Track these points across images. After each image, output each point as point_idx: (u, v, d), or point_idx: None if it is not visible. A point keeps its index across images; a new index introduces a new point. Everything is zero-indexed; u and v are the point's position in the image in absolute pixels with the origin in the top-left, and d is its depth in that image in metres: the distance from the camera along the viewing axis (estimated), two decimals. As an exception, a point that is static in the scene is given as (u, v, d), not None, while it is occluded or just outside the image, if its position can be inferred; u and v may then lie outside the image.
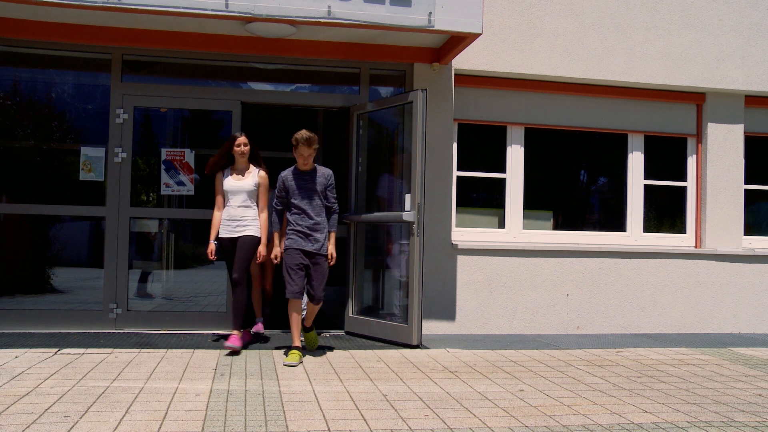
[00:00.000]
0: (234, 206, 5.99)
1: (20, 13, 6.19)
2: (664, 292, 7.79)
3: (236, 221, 5.98)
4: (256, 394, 4.43)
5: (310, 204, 5.72)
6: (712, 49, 7.93)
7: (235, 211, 5.99)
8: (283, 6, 5.91)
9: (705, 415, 4.25)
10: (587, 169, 8.40)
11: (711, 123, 8.08)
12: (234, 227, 5.98)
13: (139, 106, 6.80)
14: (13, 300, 6.74)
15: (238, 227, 5.98)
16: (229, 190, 6.01)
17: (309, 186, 5.76)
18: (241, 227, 5.98)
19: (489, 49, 7.36)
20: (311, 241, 5.70)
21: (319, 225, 5.74)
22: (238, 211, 5.99)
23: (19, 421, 3.71)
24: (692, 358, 6.20)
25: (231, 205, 5.99)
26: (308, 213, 5.71)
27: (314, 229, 5.71)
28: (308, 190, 5.75)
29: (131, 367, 5.13)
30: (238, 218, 5.99)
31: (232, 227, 5.99)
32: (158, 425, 3.73)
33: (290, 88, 7.31)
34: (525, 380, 5.10)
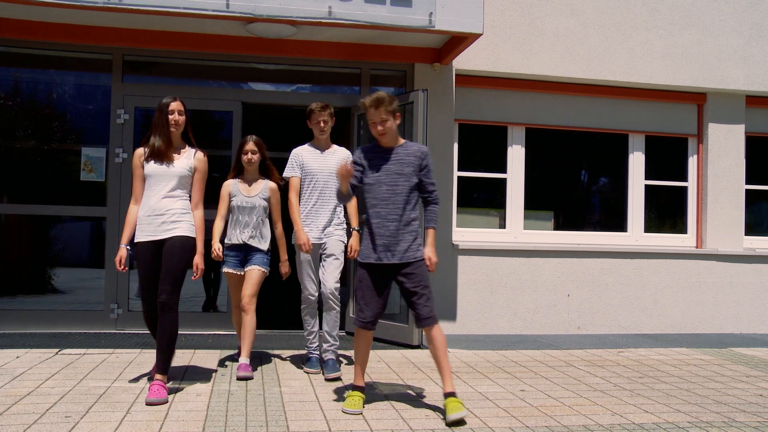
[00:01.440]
0: (157, 197, 4.46)
1: (21, 14, 6.19)
2: (665, 293, 7.79)
3: (160, 217, 4.45)
4: (257, 395, 4.43)
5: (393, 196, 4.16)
6: (713, 49, 7.92)
7: (159, 203, 4.46)
8: (283, 6, 5.91)
9: (706, 415, 4.25)
10: (588, 169, 8.40)
11: (712, 123, 8.07)
12: (158, 226, 4.44)
13: (139, 106, 6.80)
14: (14, 300, 6.75)
15: (164, 225, 4.44)
16: (152, 174, 4.48)
17: (393, 168, 4.18)
18: (167, 225, 4.45)
19: (490, 50, 7.35)
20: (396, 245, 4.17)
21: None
22: (163, 204, 4.47)
23: (20, 422, 3.71)
24: (693, 358, 6.20)
25: (153, 196, 4.46)
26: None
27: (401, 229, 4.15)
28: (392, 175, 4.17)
29: (132, 368, 5.13)
30: (162, 212, 4.45)
31: (154, 226, 4.44)
32: (159, 425, 3.73)
33: (291, 89, 7.31)
34: (526, 380, 5.10)
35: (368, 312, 4.14)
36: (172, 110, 4.49)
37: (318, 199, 5.16)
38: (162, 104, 4.51)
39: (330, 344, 5.12)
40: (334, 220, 5.20)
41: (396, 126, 4.18)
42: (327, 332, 5.13)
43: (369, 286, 4.16)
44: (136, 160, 4.56)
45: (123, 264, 4.50)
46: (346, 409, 4.07)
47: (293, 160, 5.27)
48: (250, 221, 5.15)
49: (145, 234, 4.46)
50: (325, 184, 5.16)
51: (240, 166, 5.25)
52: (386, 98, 4.12)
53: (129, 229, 4.52)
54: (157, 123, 4.51)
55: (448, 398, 3.98)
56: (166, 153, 4.48)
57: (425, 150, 4.22)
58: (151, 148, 4.49)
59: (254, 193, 5.19)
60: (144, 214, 4.47)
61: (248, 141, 5.22)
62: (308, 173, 5.20)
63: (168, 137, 4.50)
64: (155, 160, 4.47)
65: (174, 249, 4.40)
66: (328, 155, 5.25)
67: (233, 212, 5.17)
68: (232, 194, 5.18)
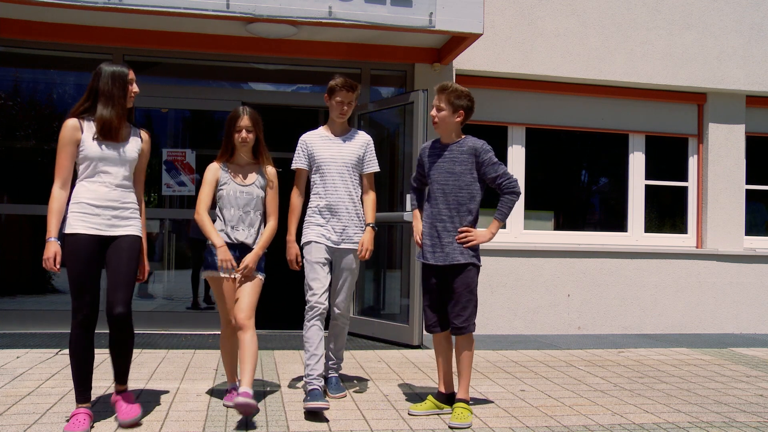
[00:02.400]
0: (109, 185, 3.68)
1: (21, 14, 6.19)
2: (665, 293, 7.79)
3: (112, 210, 3.68)
4: (257, 394, 4.43)
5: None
6: (713, 49, 7.92)
7: (112, 192, 3.68)
8: (284, 6, 5.91)
9: (706, 415, 4.25)
10: (588, 169, 8.40)
11: (712, 123, 8.07)
12: (107, 219, 3.66)
13: (140, 106, 6.75)
14: (14, 300, 6.75)
15: (115, 220, 3.68)
16: (102, 158, 3.65)
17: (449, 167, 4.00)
18: (119, 221, 3.71)
19: (490, 50, 7.36)
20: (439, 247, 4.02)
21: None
22: (116, 194, 3.70)
23: (20, 422, 3.71)
24: (693, 358, 6.20)
25: (102, 183, 3.66)
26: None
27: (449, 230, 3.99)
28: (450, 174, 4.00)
29: (132, 368, 5.10)
30: (116, 205, 3.69)
31: (103, 219, 3.65)
32: (159, 425, 3.73)
33: (291, 89, 7.32)
34: (526, 380, 5.10)
35: (428, 313, 4.09)
36: (132, 80, 3.75)
37: (331, 197, 4.36)
38: (117, 72, 3.68)
39: (334, 362, 4.59)
40: (353, 220, 4.40)
41: (454, 122, 3.97)
42: (332, 350, 4.56)
43: (426, 286, 4.12)
44: (71, 132, 3.61)
45: (57, 262, 3.56)
46: (412, 411, 4.05)
47: (301, 149, 4.46)
48: (246, 216, 4.06)
49: (88, 225, 3.61)
50: (340, 177, 4.37)
51: (230, 148, 4.11)
52: (451, 89, 3.97)
53: (58, 219, 3.61)
54: (110, 92, 3.64)
55: (457, 402, 3.96)
56: (119, 131, 3.68)
57: (479, 146, 3.97)
58: (101, 122, 3.62)
59: (250, 181, 4.10)
60: (89, 201, 3.62)
61: (242, 115, 4.05)
62: (319, 164, 4.38)
63: (124, 111, 3.70)
64: (105, 139, 3.63)
65: (126, 251, 3.69)
66: (345, 142, 4.45)
67: (222, 203, 4.07)
68: (221, 181, 4.05)
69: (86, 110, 3.68)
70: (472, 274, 4.01)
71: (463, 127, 4.08)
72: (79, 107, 3.70)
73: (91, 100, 3.68)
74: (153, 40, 6.62)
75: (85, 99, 3.72)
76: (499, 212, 3.95)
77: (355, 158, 4.41)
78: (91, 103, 3.68)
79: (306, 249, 4.35)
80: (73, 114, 3.68)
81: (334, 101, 4.39)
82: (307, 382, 4.14)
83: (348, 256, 4.39)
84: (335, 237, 4.34)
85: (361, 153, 4.44)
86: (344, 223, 4.35)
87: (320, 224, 4.34)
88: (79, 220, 3.61)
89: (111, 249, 3.68)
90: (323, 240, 4.32)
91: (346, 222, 4.36)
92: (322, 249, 4.30)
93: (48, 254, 3.54)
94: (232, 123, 4.04)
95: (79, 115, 3.67)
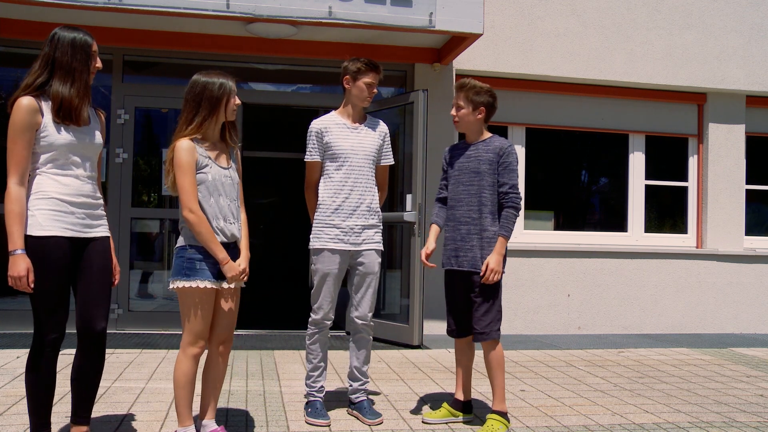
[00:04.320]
0: (81, 177, 3.10)
1: (21, 14, 6.19)
2: (666, 293, 7.79)
3: (87, 209, 3.12)
4: (257, 394, 4.43)
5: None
6: (713, 49, 7.92)
7: (84, 186, 3.11)
8: (284, 6, 5.91)
9: (706, 415, 4.25)
10: (588, 169, 8.40)
11: (712, 123, 8.07)
12: (81, 218, 3.09)
13: (140, 106, 6.81)
14: (14, 300, 6.73)
15: (88, 219, 3.12)
16: (69, 144, 3.04)
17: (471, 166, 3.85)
18: (93, 220, 3.15)
19: (490, 50, 7.35)
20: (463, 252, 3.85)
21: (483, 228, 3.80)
22: (88, 188, 3.14)
23: (20, 422, 3.71)
24: (693, 358, 6.20)
25: (73, 176, 3.07)
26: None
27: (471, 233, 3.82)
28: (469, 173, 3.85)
29: (132, 368, 5.13)
30: (91, 202, 3.14)
31: (76, 218, 3.06)
32: (159, 425, 3.73)
33: (291, 89, 7.32)
34: (526, 380, 5.10)
35: (450, 318, 3.96)
36: (95, 52, 3.13)
37: (351, 191, 3.89)
38: (79, 40, 3.06)
39: (361, 382, 4.04)
40: (372, 219, 3.98)
41: (475, 120, 3.82)
42: (357, 368, 4.03)
43: (447, 290, 3.99)
44: (30, 115, 2.94)
45: (32, 281, 2.91)
46: (427, 419, 3.92)
47: (314, 138, 3.95)
48: (233, 206, 3.37)
49: (62, 226, 3.01)
50: (360, 170, 3.92)
51: (209, 120, 3.30)
52: (470, 86, 3.81)
53: (21, 225, 2.92)
54: (69, 64, 3.02)
55: (491, 414, 3.79)
56: (80, 114, 3.05)
57: (506, 146, 3.77)
58: (59, 102, 2.99)
59: (227, 163, 3.39)
60: (62, 197, 3.01)
61: (231, 78, 3.35)
62: (337, 155, 3.90)
63: (87, 89, 3.09)
64: (63, 123, 3.02)
65: (103, 257, 3.16)
66: (363, 130, 4.01)
67: (205, 192, 3.26)
68: (201, 164, 3.26)
69: (41, 85, 3.00)
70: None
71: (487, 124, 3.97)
72: (32, 82, 3.00)
73: (48, 72, 3.01)
74: (153, 40, 6.62)
75: (39, 71, 3.02)
76: (504, 228, 3.74)
77: (376, 149, 4.00)
78: (48, 76, 3.01)
79: (319, 256, 3.90)
80: (25, 90, 2.98)
81: (362, 82, 3.95)
82: (309, 393, 3.98)
83: (370, 257, 3.97)
84: (355, 238, 3.92)
85: (380, 143, 4.03)
86: (365, 222, 3.93)
87: (337, 225, 3.88)
88: (52, 220, 2.98)
89: (85, 254, 3.09)
90: (340, 245, 3.87)
91: (366, 220, 3.94)
92: (337, 259, 3.87)
93: (18, 271, 2.87)
94: (222, 89, 3.27)
95: (33, 91, 2.99)
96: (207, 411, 3.40)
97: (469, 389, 4.01)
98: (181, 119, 3.33)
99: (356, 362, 4.05)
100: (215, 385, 3.41)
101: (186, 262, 3.23)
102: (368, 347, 4.07)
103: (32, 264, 2.92)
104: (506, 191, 3.75)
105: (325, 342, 3.99)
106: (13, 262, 2.88)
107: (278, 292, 10.79)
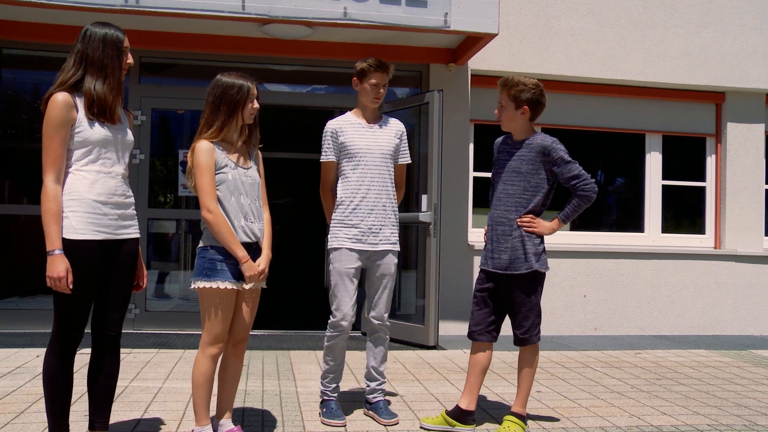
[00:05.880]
0: (115, 176, 3.06)
1: (38, 17, 6.25)
2: (683, 294, 7.72)
3: (120, 208, 3.08)
4: (273, 394, 4.44)
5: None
6: (731, 47, 7.85)
7: (119, 186, 3.08)
8: (299, 8, 5.92)
9: (726, 418, 4.20)
10: (604, 169, 8.34)
11: (730, 122, 7.99)
12: (114, 219, 3.04)
13: (156, 107, 6.85)
14: (35, 300, 6.81)
15: (120, 221, 3.07)
16: (104, 141, 3.01)
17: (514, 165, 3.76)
18: (125, 221, 3.11)
19: (505, 50, 7.33)
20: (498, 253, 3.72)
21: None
22: (123, 188, 3.11)
23: (40, 419, 3.75)
24: (712, 360, 6.14)
25: (107, 174, 3.03)
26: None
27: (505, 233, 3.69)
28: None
29: (149, 367, 5.16)
30: (124, 201, 3.10)
31: (110, 219, 3.02)
32: (176, 425, 3.75)
33: (306, 90, 7.34)
34: (542, 381, 5.07)
35: (473, 318, 3.79)
36: (127, 48, 3.13)
37: (368, 191, 3.87)
38: (111, 35, 3.07)
39: (378, 382, 4.02)
40: (389, 219, 3.94)
41: (519, 118, 3.78)
42: (374, 368, 4.02)
43: (477, 289, 3.80)
44: (66, 111, 2.90)
45: (71, 282, 2.88)
46: (424, 424, 3.78)
47: (330, 138, 3.96)
48: (253, 205, 3.37)
49: (95, 229, 2.96)
50: (376, 170, 3.90)
51: (228, 123, 3.30)
52: (512, 83, 3.73)
53: (59, 224, 2.90)
54: (101, 60, 2.98)
55: (508, 415, 3.75)
56: (115, 111, 3.03)
57: (549, 143, 3.68)
58: (91, 99, 2.95)
59: (248, 163, 3.40)
60: (96, 197, 2.96)
61: (251, 81, 3.35)
62: (352, 155, 3.89)
63: (120, 86, 3.05)
64: (101, 120, 2.99)
65: (131, 261, 3.14)
66: (379, 129, 4.00)
67: (225, 191, 3.27)
68: (220, 164, 3.27)
69: (76, 83, 2.97)
70: (533, 283, 3.66)
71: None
72: (67, 79, 2.96)
73: (82, 69, 2.98)
74: (169, 41, 6.67)
75: (73, 68, 2.98)
76: (563, 212, 3.68)
77: (393, 148, 3.97)
78: (82, 73, 2.97)
79: (336, 255, 3.87)
80: (61, 87, 2.94)
81: (367, 84, 3.94)
82: (324, 393, 3.98)
83: (387, 257, 3.93)
84: (372, 238, 3.88)
85: (396, 142, 4.01)
86: (382, 222, 3.90)
87: (355, 225, 3.85)
88: (86, 223, 2.94)
89: (115, 257, 3.06)
90: (358, 245, 3.85)
91: (383, 220, 3.90)
92: (355, 257, 3.85)
93: (57, 272, 2.84)
94: (240, 92, 3.27)
95: (68, 89, 2.95)
96: (224, 411, 3.42)
97: (475, 399, 3.78)
98: (201, 119, 3.35)
99: (373, 362, 4.03)
100: (231, 385, 3.44)
101: (207, 263, 3.25)
102: (385, 347, 4.06)
103: (83, 264, 2.92)
104: (572, 183, 3.64)
105: (343, 345, 3.95)
106: (52, 263, 2.86)
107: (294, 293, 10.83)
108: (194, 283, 3.27)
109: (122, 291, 3.13)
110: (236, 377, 3.45)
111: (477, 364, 3.79)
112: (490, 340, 3.78)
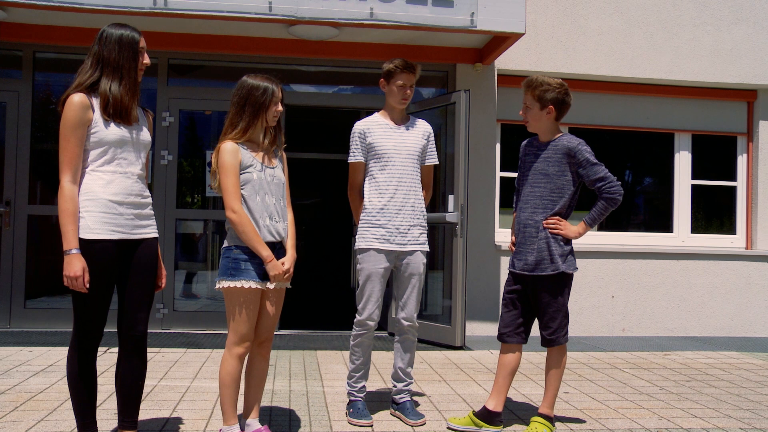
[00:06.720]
0: (131, 176, 3.09)
1: (69, 21, 6.34)
2: (713, 295, 7.61)
3: (137, 207, 3.12)
4: (300, 394, 4.47)
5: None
6: (764, 44, 7.71)
7: (135, 185, 3.11)
8: (325, 8, 5.95)
9: (759, 421, 4.13)
10: (632, 169, 8.25)
11: (763, 121, 7.86)
12: (131, 219, 3.08)
13: (184, 109, 6.92)
14: (64, 300, 6.92)
15: (136, 220, 3.11)
16: (119, 142, 3.05)
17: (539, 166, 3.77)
18: (142, 221, 3.15)
19: (532, 49, 7.28)
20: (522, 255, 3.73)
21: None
22: (140, 187, 3.14)
23: (71, 417, 3.80)
24: (743, 362, 6.04)
25: (123, 174, 3.06)
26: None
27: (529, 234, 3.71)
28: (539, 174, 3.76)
29: (178, 367, 5.22)
30: (141, 201, 3.14)
31: (126, 219, 3.06)
32: (204, 424, 3.79)
33: (332, 90, 7.36)
34: (570, 382, 5.03)
35: (501, 321, 3.79)
36: (143, 49, 3.18)
37: (396, 191, 3.88)
38: (126, 36, 3.15)
39: (406, 383, 4.02)
40: (417, 219, 3.95)
41: (545, 118, 3.78)
42: (401, 369, 4.01)
43: (506, 291, 3.81)
44: (82, 111, 2.94)
45: (87, 281, 2.95)
46: (451, 424, 3.79)
47: (358, 139, 3.98)
48: (278, 205, 3.38)
49: (111, 229, 3.00)
50: (404, 170, 3.92)
51: (253, 124, 3.32)
52: (536, 83, 3.72)
53: (75, 224, 2.93)
54: (116, 61, 3.05)
55: (535, 416, 3.75)
56: (131, 112, 3.09)
57: (574, 145, 3.67)
58: (106, 100, 3.00)
59: (274, 163, 3.42)
60: (111, 197, 3.00)
61: (276, 84, 3.37)
62: (380, 155, 3.91)
63: (136, 87, 3.12)
64: (117, 121, 3.03)
65: (150, 260, 3.17)
66: (406, 131, 4.02)
67: (251, 191, 3.29)
68: (245, 164, 3.28)
69: (94, 83, 3.01)
70: (560, 284, 3.65)
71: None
72: (85, 80, 3.01)
73: (99, 70, 3.03)
74: (197, 43, 6.73)
75: (90, 70, 3.03)
76: (589, 216, 3.67)
77: (420, 148, 3.99)
78: (99, 74, 3.03)
79: (363, 256, 3.90)
80: (78, 88, 2.99)
81: (394, 86, 3.94)
82: (350, 393, 3.99)
83: (416, 257, 3.94)
84: (400, 238, 3.89)
85: (423, 143, 4.02)
86: (410, 222, 3.90)
87: (383, 225, 3.86)
88: (101, 222, 2.97)
89: (133, 256, 3.10)
90: (386, 245, 3.86)
91: (411, 220, 3.91)
92: (382, 257, 3.86)
93: (74, 271, 2.89)
94: (265, 94, 3.29)
95: (86, 89, 2.99)
96: (251, 410, 3.44)
97: (503, 401, 3.78)
98: (227, 120, 3.37)
99: (401, 363, 4.02)
100: (258, 384, 3.45)
101: (232, 263, 3.28)
102: (413, 348, 4.06)
103: (98, 264, 2.96)
104: (598, 186, 3.64)
105: (369, 343, 3.96)
106: (69, 262, 2.90)
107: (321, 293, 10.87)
108: (219, 282, 3.31)
109: (144, 290, 3.16)
110: (263, 376, 3.47)
111: (506, 365, 3.77)
112: (519, 341, 3.76)
